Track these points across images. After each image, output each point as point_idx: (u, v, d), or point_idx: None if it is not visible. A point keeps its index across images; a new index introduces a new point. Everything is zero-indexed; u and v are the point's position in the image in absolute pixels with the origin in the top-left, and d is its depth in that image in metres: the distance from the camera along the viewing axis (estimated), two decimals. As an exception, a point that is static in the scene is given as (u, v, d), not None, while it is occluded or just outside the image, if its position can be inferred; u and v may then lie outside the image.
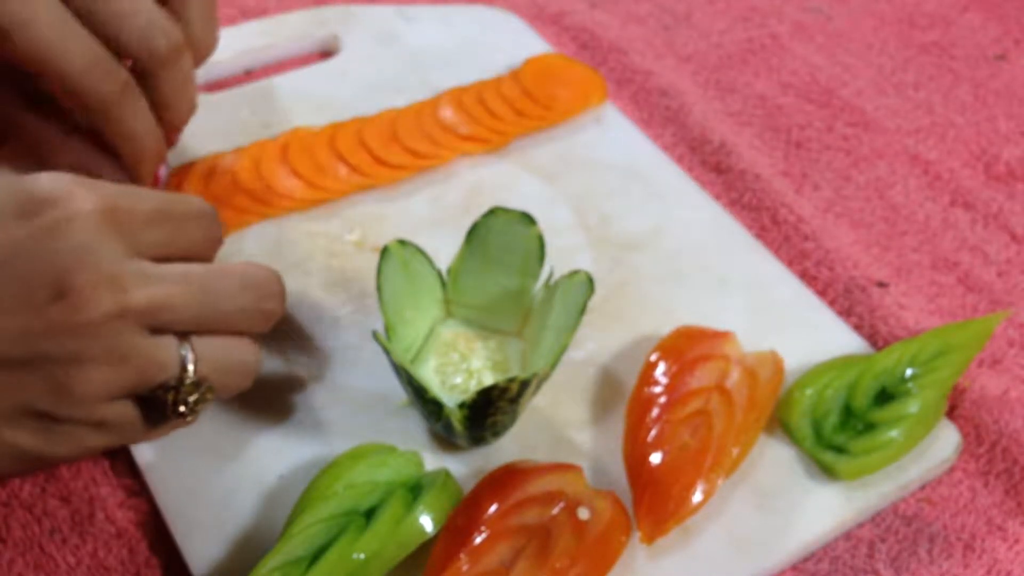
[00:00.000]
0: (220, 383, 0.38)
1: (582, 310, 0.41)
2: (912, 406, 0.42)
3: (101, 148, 0.45)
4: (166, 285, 0.37)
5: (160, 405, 0.37)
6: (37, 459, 0.37)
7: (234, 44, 0.58)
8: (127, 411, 0.37)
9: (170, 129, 0.46)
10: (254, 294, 0.39)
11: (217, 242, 0.41)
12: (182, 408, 0.37)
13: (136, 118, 0.44)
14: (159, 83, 0.44)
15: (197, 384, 0.37)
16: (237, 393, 0.39)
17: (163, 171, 0.51)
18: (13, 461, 0.37)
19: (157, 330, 0.37)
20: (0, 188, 0.36)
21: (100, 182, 0.38)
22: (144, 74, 0.43)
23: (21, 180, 0.37)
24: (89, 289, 0.35)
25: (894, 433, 0.41)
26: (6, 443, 0.36)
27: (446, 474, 0.39)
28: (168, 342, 0.37)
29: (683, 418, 0.41)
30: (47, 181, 0.37)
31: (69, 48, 0.41)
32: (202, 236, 0.40)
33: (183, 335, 0.37)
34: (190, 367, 0.37)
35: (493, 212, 0.44)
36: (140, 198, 0.38)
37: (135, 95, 0.43)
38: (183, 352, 0.37)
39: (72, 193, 0.36)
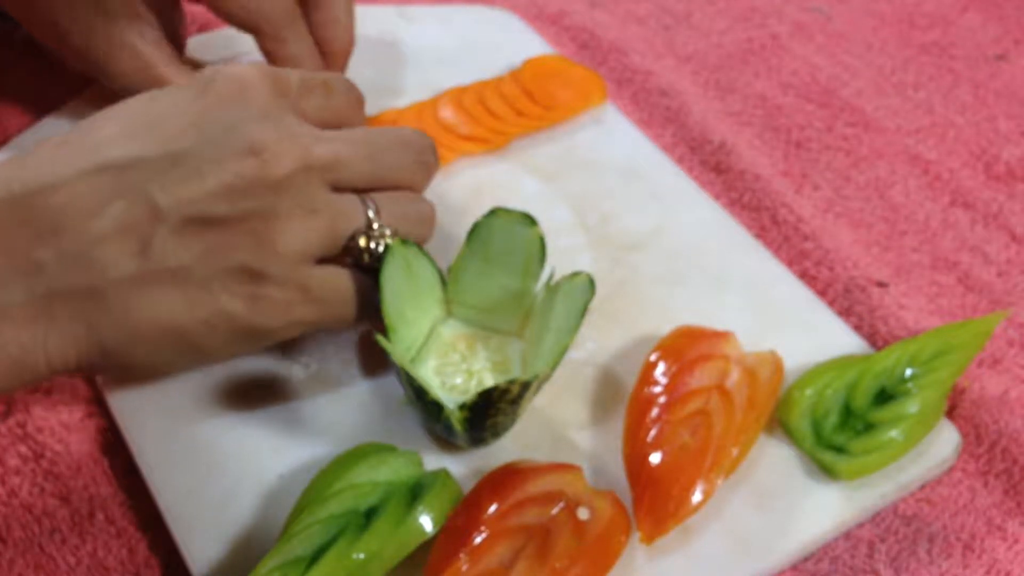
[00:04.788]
0: (405, 231, 0.42)
1: (583, 312, 0.41)
2: (912, 406, 0.42)
3: None
4: (339, 144, 0.41)
5: (356, 256, 0.41)
6: (251, 331, 0.40)
7: (234, 45, 0.58)
8: (328, 277, 0.40)
9: (332, 62, 0.51)
10: (413, 149, 0.43)
11: (361, 104, 0.45)
12: (376, 253, 0.41)
13: (300, 42, 0.49)
14: (315, 13, 0.49)
15: (384, 231, 0.41)
16: (424, 245, 0.43)
17: None
18: (231, 336, 0.39)
19: (337, 189, 0.41)
20: (173, 88, 0.41)
21: (256, 63, 0.42)
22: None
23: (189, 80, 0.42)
24: (276, 145, 0.38)
25: (894, 433, 0.41)
26: (222, 311, 0.39)
27: (446, 474, 0.39)
28: (350, 197, 0.41)
29: (683, 418, 0.41)
30: (212, 67, 0.41)
31: None
32: (346, 99, 0.44)
33: (361, 193, 0.41)
34: (372, 213, 0.41)
35: (494, 212, 0.44)
36: (289, 71, 0.42)
37: (300, 22, 0.49)
38: (365, 203, 0.41)
39: (238, 68, 0.41)
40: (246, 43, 0.51)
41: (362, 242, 0.41)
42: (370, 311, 0.42)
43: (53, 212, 0.37)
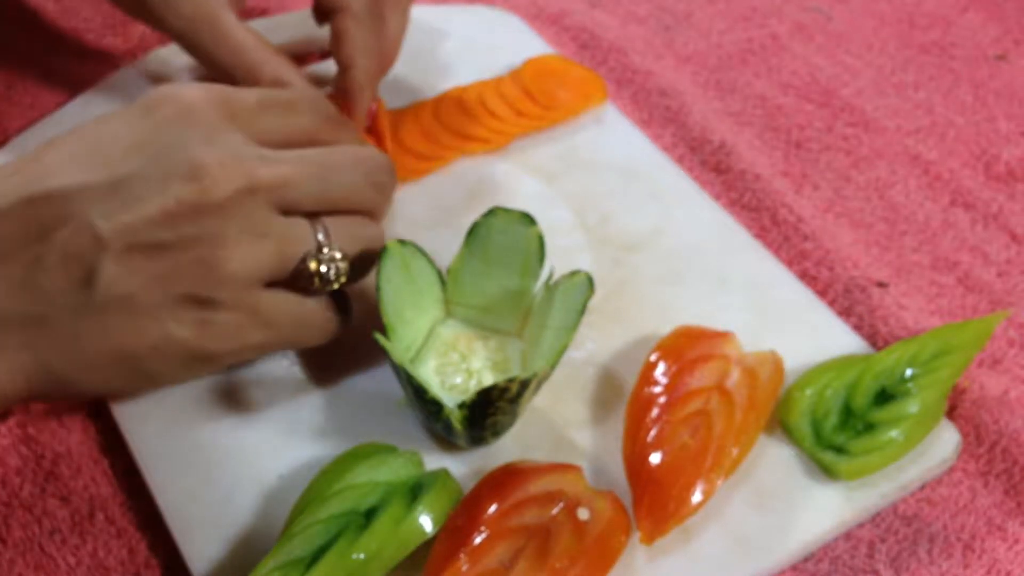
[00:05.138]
0: (355, 255, 0.41)
1: (582, 310, 0.41)
2: (912, 406, 0.42)
3: None
4: (286, 165, 0.40)
5: (306, 280, 0.40)
6: (202, 356, 0.39)
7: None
8: (278, 301, 0.40)
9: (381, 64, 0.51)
10: (365, 168, 0.42)
11: (328, 120, 0.44)
12: (326, 277, 0.40)
13: (373, 31, 0.49)
14: (387, 20, 0.50)
15: (334, 255, 0.40)
16: (372, 267, 0.43)
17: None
18: (181, 362, 0.39)
19: (286, 212, 0.40)
20: (119, 112, 0.40)
21: (207, 83, 0.41)
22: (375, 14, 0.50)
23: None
24: (218, 168, 0.38)
25: (894, 433, 0.41)
26: (171, 338, 0.38)
27: (446, 474, 0.39)
28: (299, 220, 0.40)
29: (683, 418, 0.41)
30: (161, 87, 0.40)
31: None
32: (310, 119, 0.43)
33: (311, 216, 0.40)
34: (322, 236, 0.40)
35: (493, 212, 0.44)
36: (246, 91, 0.42)
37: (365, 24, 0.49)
38: (315, 226, 0.40)
39: (186, 89, 0.40)
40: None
41: (312, 265, 0.40)
42: (325, 334, 0.42)
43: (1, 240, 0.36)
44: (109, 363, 0.38)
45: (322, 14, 0.51)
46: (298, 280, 0.40)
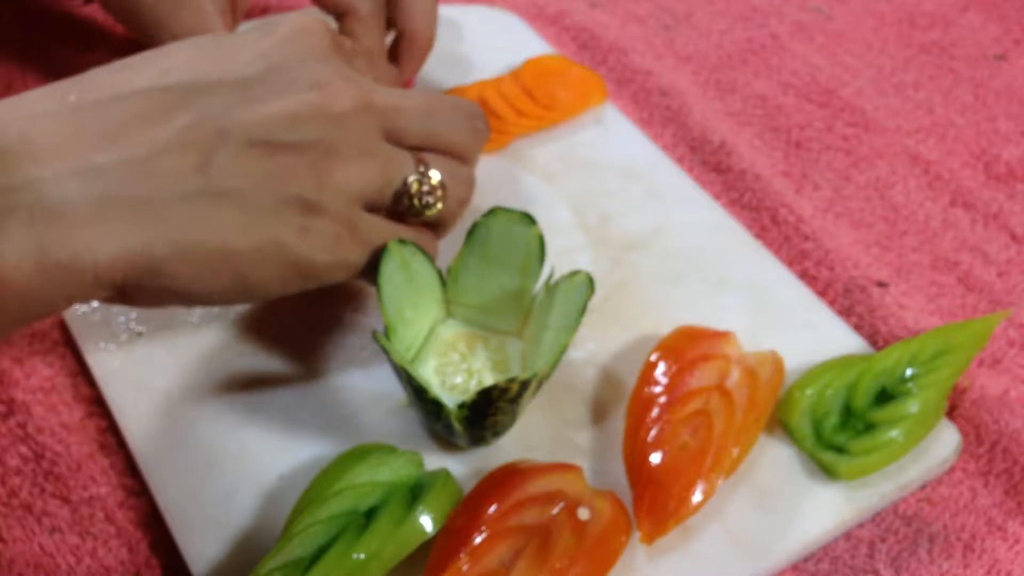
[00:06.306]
0: (451, 186, 0.43)
1: (582, 310, 0.41)
2: (912, 406, 0.42)
3: None
4: (397, 96, 0.42)
5: (405, 203, 0.42)
6: (299, 265, 0.40)
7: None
8: (377, 222, 0.42)
9: (416, 48, 0.52)
10: (465, 114, 0.45)
11: (399, 79, 0.49)
12: (425, 199, 0.42)
13: (380, 31, 0.51)
14: (406, 9, 0.51)
15: (432, 180, 0.42)
16: (462, 209, 0.45)
17: None
18: (279, 268, 0.40)
19: (392, 141, 0.42)
20: (236, 31, 0.43)
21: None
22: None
23: None
24: (339, 82, 0.40)
25: (894, 433, 0.41)
26: (274, 240, 0.39)
27: (446, 474, 0.39)
28: (403, 151, 0.42)
29: (683, 418, 0.41)
30: (271, 17, 0.44)
31: None
32: (387, 69, 0.48)
33: (413, 149, 0.43)
34: (422, 168, 0.42)
35: (493, 212, 0.44)
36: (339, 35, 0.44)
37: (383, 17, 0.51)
38: (415, 156, 0.42)
39: (301, 15, 0.42)
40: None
41: (414, 186, 0.42)
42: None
43: (115, 121, 0.36)
44: (210, 258, 0.38)
45: (332, 16, 0.51)
46: (397, 205, 0.42)
